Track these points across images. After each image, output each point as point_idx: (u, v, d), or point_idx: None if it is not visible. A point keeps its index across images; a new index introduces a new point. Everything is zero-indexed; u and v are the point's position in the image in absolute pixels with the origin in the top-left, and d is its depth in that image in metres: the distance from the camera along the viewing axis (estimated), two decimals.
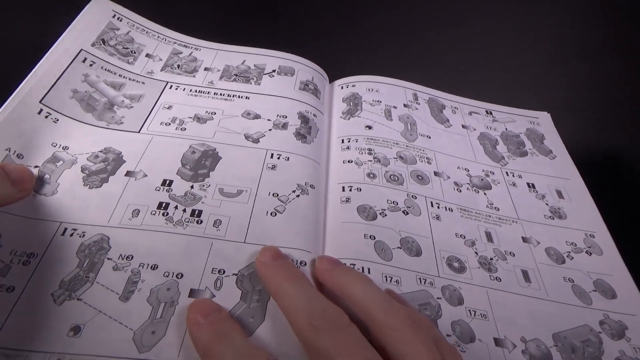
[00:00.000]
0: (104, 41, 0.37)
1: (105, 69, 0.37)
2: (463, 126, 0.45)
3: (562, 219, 0.38)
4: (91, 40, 0.37)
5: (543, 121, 0.48)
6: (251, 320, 0.25)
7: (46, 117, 0.31)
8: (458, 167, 0.41)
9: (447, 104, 0.47)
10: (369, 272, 0.29)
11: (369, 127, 0.42)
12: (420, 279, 0.30)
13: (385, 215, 0.34)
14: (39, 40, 0.36)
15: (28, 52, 0.35)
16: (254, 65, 0.44)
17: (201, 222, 0.30)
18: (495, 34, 0.60)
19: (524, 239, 0.36)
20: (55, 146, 0.31)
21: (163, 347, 0.23)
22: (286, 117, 0.39)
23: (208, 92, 0.40)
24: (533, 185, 0.41)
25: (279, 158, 0.35)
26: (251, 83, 0.42)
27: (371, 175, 0.37)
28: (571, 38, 0.56)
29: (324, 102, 0.44)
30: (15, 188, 0.28)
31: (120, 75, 0.37)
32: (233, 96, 0.40)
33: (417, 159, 0.40)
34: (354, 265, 0.30)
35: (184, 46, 0.43)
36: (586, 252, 0.35)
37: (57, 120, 0.32)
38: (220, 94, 0.40)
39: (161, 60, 0.41)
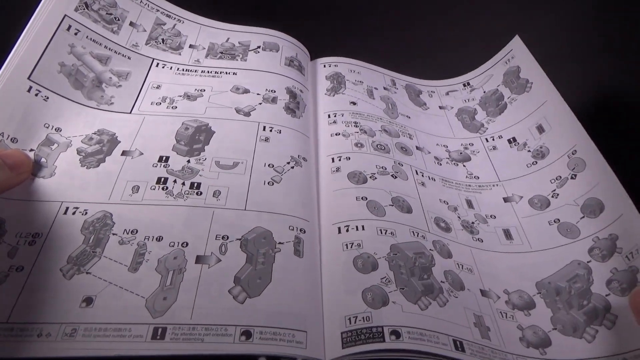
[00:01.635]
0: (87, 5, 0.37)
1: (91, 39, 0.36)
2: (440, 107, 0.47)
3: (545, 157, 0.38)
4: (74, 3, 0.36)
5: (516, 49, 0.47)
6: (258, 281, 0.26)
7: (36, 94, 0.31)
8: (437, 144, 0.43)
9: (423, 89, 0.49)
10: (363, 229, 0.31)
11: (354, 103, 0.43)
12: (413, 232, 0.32)
13: (375, 178, 0.35)
14: (19, 3, 0.35)
15: (9, 17, 0.34)
16: (239, 43, 0.44)
17: (201, 193, 0.30)
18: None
19: (505, 199, 0.37)
20: (48, 127, 0.31)
21: (176, 311, 0.24)
22: (275, 91, 0.40)
23: (195, 71, 0.40)
24: (514, 139, 0.42)
25: (271, 130, 0.36)
26: (237, 60, 0.42)
27: (359, 145, 0.38)
28: None
29: (308, 78, 0.44)
30: (13, 172, 0.28)
31: (106, 47, 0.37)
32: (221, 73, 0.40)
33: (400, 134, 0.41)
34: (348, 226, 0.31)
35: (167, 15, 0.43)
36: (571, 177, 0.36)
37: (48, 98, 0.32)
38: (208, 72, 0.40)
39: (145, 31, 0.41)
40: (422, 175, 0.38)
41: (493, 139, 0.43)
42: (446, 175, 0.39)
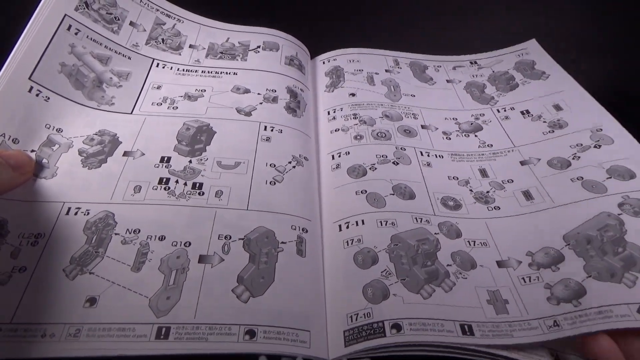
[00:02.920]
0: (87, 4, 0.37)
1: (91, 39, 0.36)
2: (447, 81, 0.46)
3: (563, 128, 0.37)
4: (74, 3, 0.36)
5: (532, 49, 0.47)
6: (261, 280, 0.26)
7: (37, 95, 0.31)
8: (445, 118, 0.41)
9: (429, 64, 0.48)
10: (362, 223, 0.31)
11: (353, 95, 0.42)
12: (416, 218, 0.31)
13: (375, 169, 0.35)
14: (19, 3, 0.35)
15: (9, 17, 0.34)
16: (239, 42, 0.44)
17: (203, 193, 0.30)
18: None
19: (523, 162, 0.36)
20: (49, 128, 0.31)
21: (179, 311, 0.24)
22: (275, 91, 0.40)
23: (196, 71, 0.40)
24: (527, 111, 0.40)
25: (272, 130, 0.36)
26: (237, 60, 0.42)
27: (358, 137, 0.38)
28: None
29: (308, 77, 0.44)
30: (15, 173, 0.28)
31: (106, 47, 0.37)
32: (221, 73, 0.40)
33: (403, 116, 0.41)
34: (348, 222, 0.31)
35: (167, 15, 0.43)
36: (595, 146, 0.34)
37: (49, 98, 0.32)
38: (208, 72, 0.40)
39: (145, 31, 0.41)
40: (428, 155, 0.37)
41: (505, 110, 0.41)
42: (456, 149, 0.38)
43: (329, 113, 0.41)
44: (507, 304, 0.27)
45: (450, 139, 0.39)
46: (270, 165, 0.33)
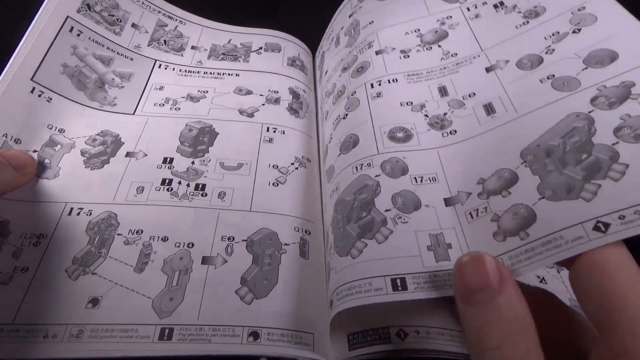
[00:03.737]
0: (89, 6, 0.37)
1: (93, 40, 0.36)
2: None
3: (539, 16, 0.33)
4: (76, 5, 0.36)
5: None
6: (265, 282, 0.26)
7: (39, 95, 0.31)
8: (406, 33, 0.38)
9: None
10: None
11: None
12: (355, 167, 0.29)
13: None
14: (21, 4, 0.36)
15: (11, 18, 0.34)
16: (241, 44, 0.44)
17: (206, 194, 0.30)
18: None
19: (488, 69, 0.32)
20: (51, 128, 0.31)
21: (182, 312, 0.24)
22: (278, 92, 0.40)
23: (198, 72, 0.40)
24: (501, 3, 0.36)
25: (274, 131, 0.36)
26: (239, 61, 0.42)
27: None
28: None
29: (310, 78, 0.44)
30: (18, 173, 0.28)
31: (108, 48, 0.37)
32: (223, 74, 0.40)
33: (358, 53, 0.38)
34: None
35: (169, 17, 0.43)
36: (573, 31, 0.30)
37: (51, 99, 0.32)
38: (210, 73, 0.40)
39: (147, 32, 0.41)
40: (379, 85, 0.34)
41: (475, 7, 0.37)
42: (414, 67, 0.35)
43: (327, 113, 0.41)
44: (449, 249, 0.24)
45: (409, 56, 0.36)
46: (273, 166, 0.33)
